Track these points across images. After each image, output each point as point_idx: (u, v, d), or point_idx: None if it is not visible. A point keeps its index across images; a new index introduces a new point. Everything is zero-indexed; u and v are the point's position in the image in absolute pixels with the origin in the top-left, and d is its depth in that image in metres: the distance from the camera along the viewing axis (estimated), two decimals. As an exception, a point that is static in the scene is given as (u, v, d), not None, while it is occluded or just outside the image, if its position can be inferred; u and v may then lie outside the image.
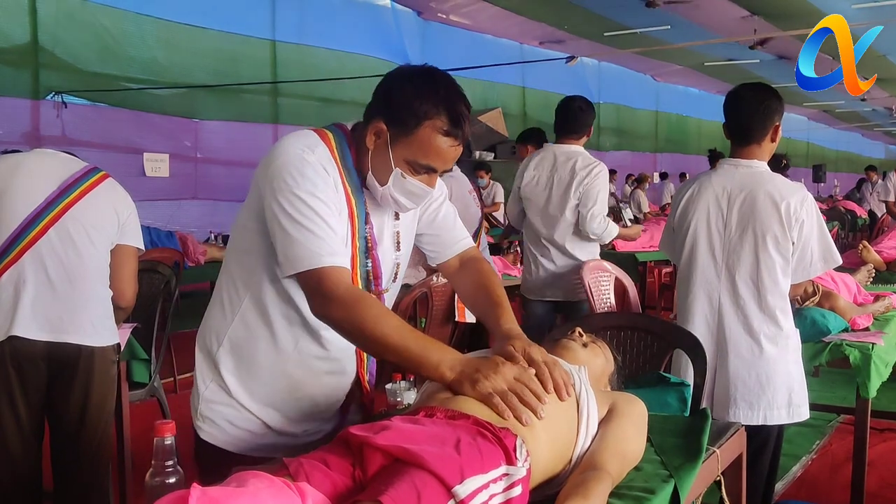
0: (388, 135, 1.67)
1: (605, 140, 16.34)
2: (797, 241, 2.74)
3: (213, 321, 1.83)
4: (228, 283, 1.79)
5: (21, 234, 2.55)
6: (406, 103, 1.64)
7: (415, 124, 1.64)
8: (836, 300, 3.45)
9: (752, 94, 2.84)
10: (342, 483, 1.25)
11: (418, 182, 1.71)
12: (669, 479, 1.58)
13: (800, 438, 4.36)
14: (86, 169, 2.72)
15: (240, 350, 1.77)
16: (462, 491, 1.21)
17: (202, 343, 1.84)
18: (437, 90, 1.66)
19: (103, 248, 2.71)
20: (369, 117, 1.71)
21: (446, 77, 1.70)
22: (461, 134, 1.67)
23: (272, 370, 1.77)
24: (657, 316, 5.43)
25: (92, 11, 8.22)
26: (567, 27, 12.50)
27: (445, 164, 1.71)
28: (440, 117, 1.64)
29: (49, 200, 2.59)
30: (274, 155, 1.66)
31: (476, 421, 1.40)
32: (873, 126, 26.11)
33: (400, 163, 1.68)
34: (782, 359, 2.78)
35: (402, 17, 11.70)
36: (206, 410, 1.80)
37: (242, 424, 1.79)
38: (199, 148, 9.31)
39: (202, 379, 1.82)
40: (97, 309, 2.69)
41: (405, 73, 1.71)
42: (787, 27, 10.08)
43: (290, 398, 1.80)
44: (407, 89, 1.66)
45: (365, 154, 1.72)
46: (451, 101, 1.66)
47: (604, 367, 1.93)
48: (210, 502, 1.05)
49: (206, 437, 1.81)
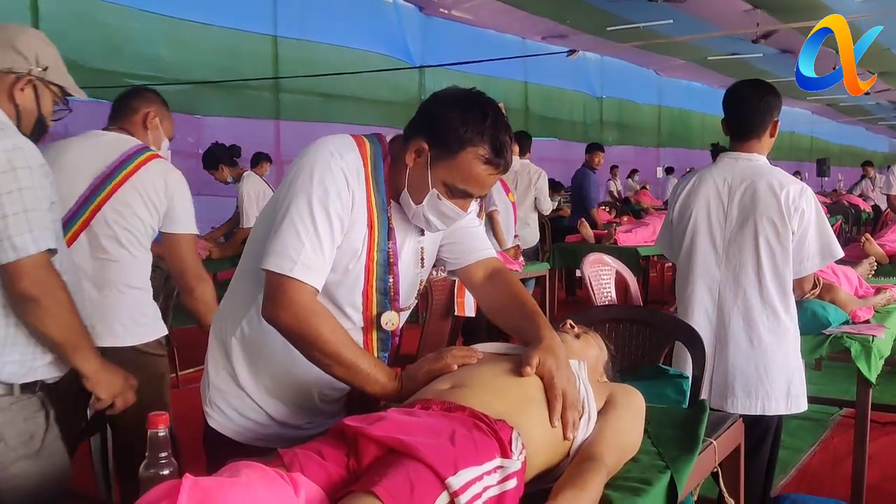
0: (430, 155, 1.68)
1: (607, 135, 16.31)
2: (796, 231, 2.75)
3: (228, 310, 1.86)
4: (245, 273, 1.81)
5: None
6: (451, 127, 1.65)
7: (458, 149, 1.65)
8: (837, 292, 3.45)
9: (751, 90, 2.86)
10: (336, 473, 1.26)
11: (452, 205, 1.72)
12: (666, 471, 1.58)
13: (801, 432, 4.36)
14: (126, 154, 2.63)
15: (251, 341, 1.80)
16: (455, 482, 1.22)
17: (216, 331, 1.87)
18: (484, 118, 1.66)
19: (137, 246, 2.64)
20: (411, 135, 1.72)
21: (492, 104, 1.71)
22: (502, 164, 1.69)
23: (281, 364, 1.78)
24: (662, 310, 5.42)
25: (95, 8, 8.23)
26: (569, 22, 12.48)
27: (482, 191, 1.73)
28: (483, 146, 1.65)
29: (81, 201, 2.53)
30: (306, 151, 1.70)
31: (472, 413, 1.40)
32: (877, 120, 26.04)
33: (438, 184, 1.69)
34: (781, 349, 2.78)
35: (404, 12, 11.69)
36: (215, 397, 1.84)
37: (249, 414, 1.82)
38: (202, 144, 9.30)
39: (214, 366, 1.86)
40: (128, 310, 2.62)
41: (452, 95, 1.72)
42: (789, 20, 10.06)
43: (296, 392, 1.82)
44: (453, 113, 1.66)
45: (402, 170, 1.72)
46: (496, 130, 1.67)
47: (598, 356, 1.95)
48: (202, 492, 1.05)
49: (214, 425, 1.84)
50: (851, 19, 6.49)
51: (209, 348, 1.89)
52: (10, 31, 2.10)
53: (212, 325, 1.91)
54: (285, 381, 1.81)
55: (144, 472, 1.25)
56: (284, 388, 1.81)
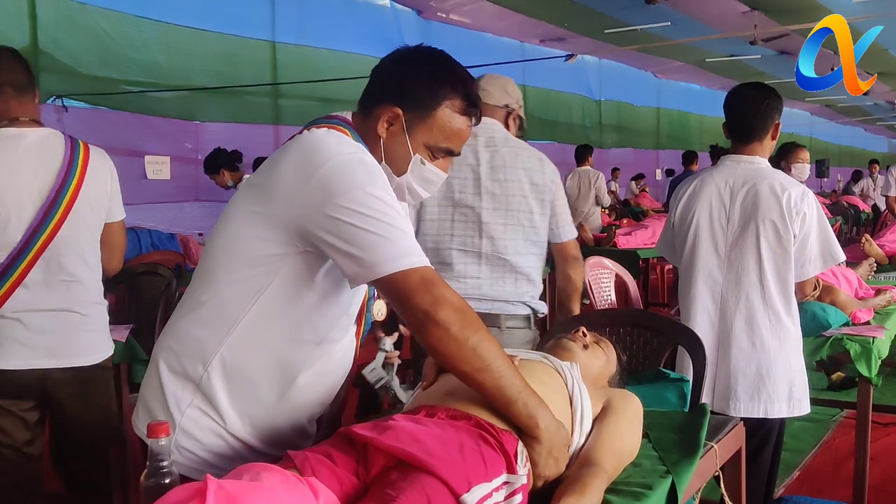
0: (404, 120, 1.61)
1: (606, 137, 16.31)
2: (798, 234, 2.75)
3: (188, 339, 1.60)
4: (218, 296, 1.58)
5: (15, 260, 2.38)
6: (423, 85, 1.60)
7: (434, 106, 1.61)
8: (837, 294, 3.44)
9: (752, 92, 2.87)
10: (347, 480, 1.26)
11: (436, 168, 1.67)
12: (667, 475, 1.59)
13: (803, 433, 4.36)
14: (66, 161, 2.47)
15: (234, 370, 1.58)
16: (470, 499, 1.22)
17: (173, 366, 1.61)
18: (452, 70, 1.64)
19: (95, 258, 2.60)
20: (375, 104, 1.63)
21: (451, 57, 1.69)
22: (477, 112, 1.67)
23: (271, 391, 1.61)
24: (662, 313, 5.42)
25: (92, 15, 8.21)
26: (567, 25, 12.47)
27: (461, 146, 1.68)
28: (458, 97, 1.62)
29: (35, 226, 2.39)
30: (319, 158, 1.49)
31: (478, 423, 1.40)
32: (875, 120, 26.01)
33: (419, 148, 1.63)
34: (783, 352, 2.78)
35: (402, 16, 11.68)
36: (182, 441, 1.58)
37: (223, 451, 1.60)
38: (201, 150, 9.29)
39: (175, 407, 1.58)
40: (92, 325, 2.59)
41: (413, 55, 1.67)
42: (787, 22, 10.06)
43: (286, 420, 1.66)
44: (422, 71, 1.62)
45: (375, 143, 1.63)
46: (468, 82, 1.65)
47: (603, 368, 1.92)
48: (227, 497, 1.04)
49: (180, 470, 1.54)
50: (849, 21, 6.48)
51: (157, 388, 1.62)
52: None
53: (160, 359, 1.64)
54: (277, 410, 1.63)
55: (146, 481, 1.24)
56: (276, 414, 1.63)
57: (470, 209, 2.70)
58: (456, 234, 2.71)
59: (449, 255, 2.71)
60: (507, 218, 2.72)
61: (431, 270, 1.47)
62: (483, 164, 2.71)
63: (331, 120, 1.65)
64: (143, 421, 1.64)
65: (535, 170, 2.76)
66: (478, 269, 2.71)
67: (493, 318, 2.68)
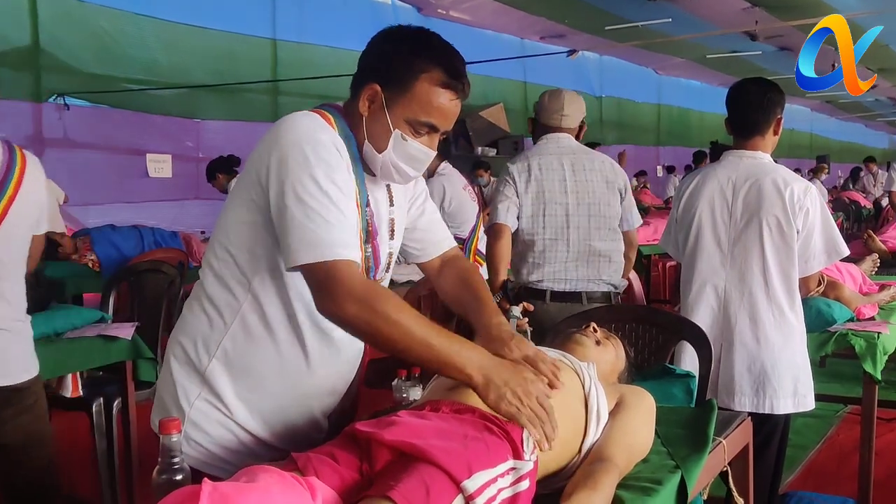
0: (384, 96, 1.59)
1: (607, 134, 16.30)
2: (801, 229, 2.74)
3: (194, 331, 1.63)
4: (217, 286, 1.61)
5: None
6: (400, 59, 1.58)
7: (412, 79, 1.57)
8: (842, 290, 3.44)
9: (754, 87, 2.88)
10: (350, 477, 1.25)
11: (419, 144, 1.62)
12: (676, 470, 1.59)
13: (806, 429, 4.35)
14: (3, 168, 2.30)
15: (238, 361, 1.60)
16: (471, 486, 1.21)
17: (179, 356, 1.64)
18: (430, 44, 1.61)
19: (22, 272, 2.43)
20: (359, 85, 1.62)
21: (436, 33, 1.64)
22: (461, 87, 1.61)
23: (277, 381, 1.62)
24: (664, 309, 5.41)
25: (92, 13, 8.20)
26: (568, 21, 12.47)
27: (446, 122, 1.63)
28: (437, 69, 1.57)
29: None
30: (279, 133, 1.52)
31: (482, 415, 1.40)
32: (876, 116, 25.99)
33: (399, 123, 1.60)
34: (787, 347, 2.78)
35: (402, 13, 11.68)
36: (191, 433, 1.60)
37: (232, 444, 1.62)
38: (202, 148, 9.30)
39: (184, 398, 1.61)
40: (21, 344, 2.46)
41: (393, 33, 1.65)
42: (788, 17, 10.05)
43: (293, 411, 1.66)
44: (399, 46, 1.60)
45: (359, 124, 1.62)
46: (446, 52, 1.61)
47: (614, 364, 1.94)
48: (221, 498, 1.05)
49: (191, 463, 1.53)
50: (850, 16, 6.48)
51: (169, 381, 1.65)
52: None
53: (169, 351, 1.67)
54: (282, 401, 1.64)
55: (157, 477, 1.25)
56: (281, 407, 1.64)
57: (559, 205, 3.26)
58: (547, 226, 3.27)
59: (542, 244, 3.28)
60: (590, 210, 3.29)
61: (342, 264, 1.46)
62: (567, 168, 3.30)
63: (320, 106, 1.66)
64: (157, 415, 1.66)
65: (608, 171, 3.36)
66: (566, 255, 3.27)
67: (577, 295, 3.27)
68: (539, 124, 3.45)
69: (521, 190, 3.28)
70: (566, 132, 3.38)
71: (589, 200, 3.28)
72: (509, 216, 3.28)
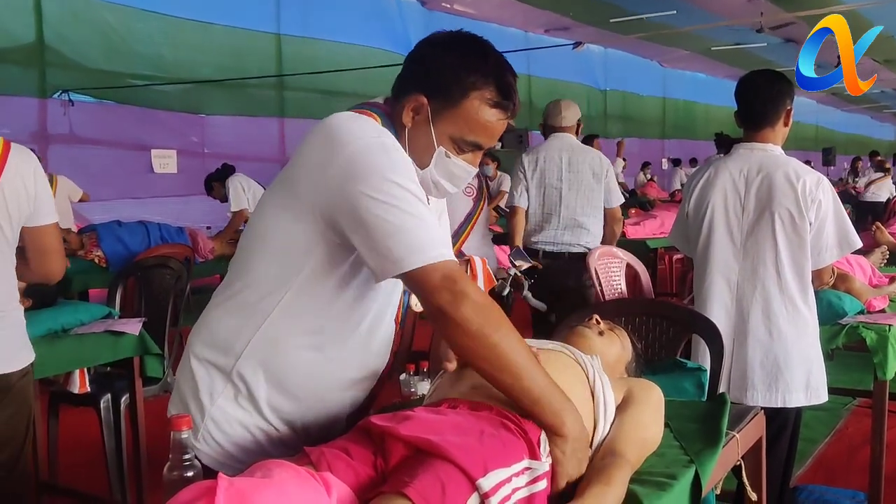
0: (430, 109, 1.51)
1: (611, 127, 16.27)
2: (814, 221, 2.73)
3: (222, 327, 1.58)
4: (250, 284, 1.55)
5: None
6: (451, 72, 1.49)
7: (461, 96, 1.49)
8: (852, 282, 3.42)
9: (763, 79, 2.86)
10: (364, 472, 1.24)
11: (462, 162, 1.56)
12: (690, 465, 1.57)
13: (815, 422, 4.33)
14: None
15: (266, 363, 1.54)
16: (486, 484, 1.20)
17: (205, 355, 1.59)
18: (485, 58, 1.51)
19: (10, 260, 2.37)
20: (404, 91, 1.54)
21: (490, 44, 1.55)
22: (511, 106, 1.53)
23: (308, 381, 1.57)
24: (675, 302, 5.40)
25: (97, 9, 8.22)
26: (572, 14, 12.45)
27: (492, 140, 1.56)
28: (489, 88, 1.50)
29: None
30: (341, 141, 1.43)
31: (499, 412, 1.38)
32: (882, 108, 25.90)
33: (444, 140, 1.53)
34: (800, 340, 2.76)
35: (406, 7, 11.67)
36: (211, 429, 1.56)
37: (248, 444, 1.57)
38: (207, 143, 9.31)
39: (207, 395, 1.56)
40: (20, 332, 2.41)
41: (445, 40, 1.55)
42: (792, 9, 10.01)
43: (324, 417, 1.61)
44: (451, 58, 1.51)
45: (401, 132, 1.54)
46: (501, 69, 1.52)
47: (619, 355, 1.90)
48: (237, 494, 1.04)
49: (207, 462, 1.55)
50: (856, 7, 6.46)
51: (190, 377, 1.60)
52: None
53: (192, 349, 1.62)
54: (310, 400, 1.59)
55: (168, 474, 1.24)
56: (308, 409, 1.59)
57: (554, 189, 4.45)
58: (545, 203, 4.47)
59: (540, 216, 4.48)
60: (578, 193, 4.44)
61: (453, 265, 1.41)
62: (564, 161, 4.46)
63: (362, 106, 1.58)
64: (175, 409, 1.62)
65: (595, 164, 4.47)
66: (557, 226, 4.45)
67: (561, 255, 4.45)
68: (547, 126, 4.63)
69: (528, 176, 4.49)
70: (566, 131, 4.55)
71: (577, 187, 4.43)
72: (521, 199, 4.50)
